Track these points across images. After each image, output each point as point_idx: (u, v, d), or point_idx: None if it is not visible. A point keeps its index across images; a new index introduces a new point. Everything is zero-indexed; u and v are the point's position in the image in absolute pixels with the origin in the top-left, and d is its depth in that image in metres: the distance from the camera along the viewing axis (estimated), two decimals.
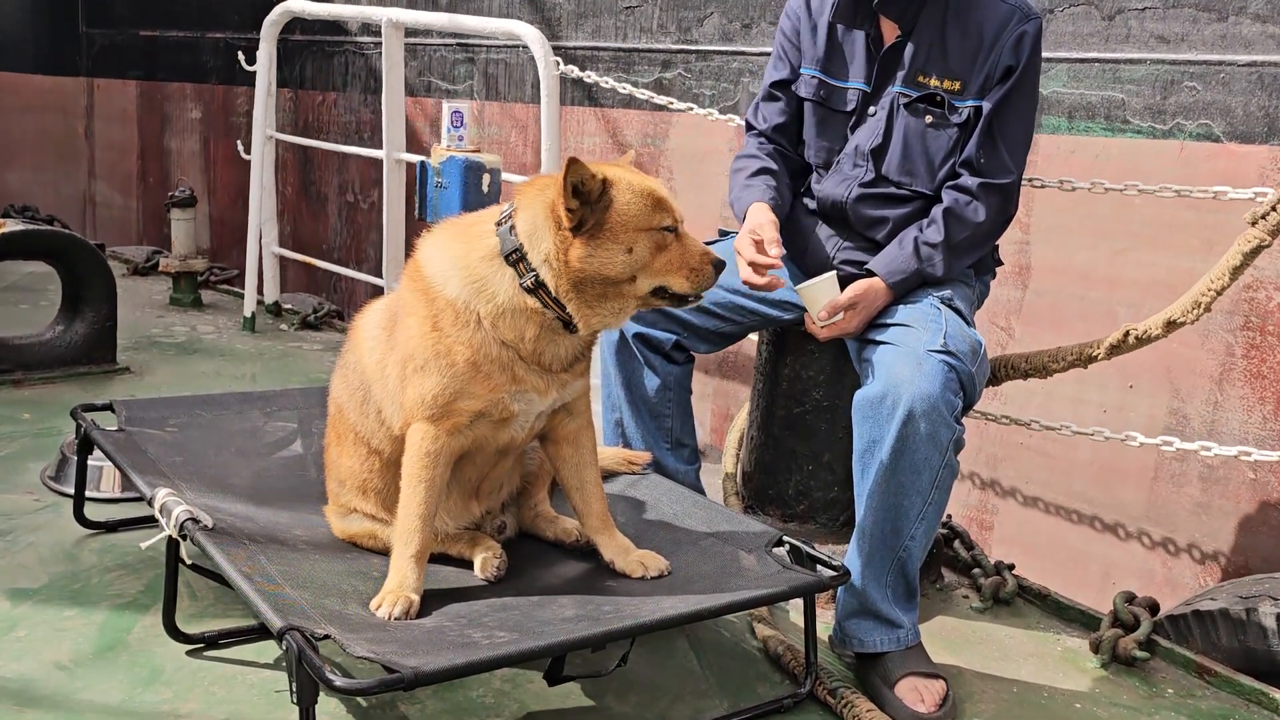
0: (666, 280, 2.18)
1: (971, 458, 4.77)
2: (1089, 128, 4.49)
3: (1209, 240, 4.02)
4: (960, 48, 2.70)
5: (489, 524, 2.53)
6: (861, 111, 2.81)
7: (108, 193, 9.49)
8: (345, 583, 2.28)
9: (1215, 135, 4.19)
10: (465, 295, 2.19)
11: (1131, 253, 4.37)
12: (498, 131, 6.67)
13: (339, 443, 2.52)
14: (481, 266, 2.19)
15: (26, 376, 4.34)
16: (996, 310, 4.68)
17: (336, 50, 7.64)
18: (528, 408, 2.26)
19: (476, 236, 2.23)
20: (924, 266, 2.68)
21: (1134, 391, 4.37)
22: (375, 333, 2.40)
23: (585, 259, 2.12)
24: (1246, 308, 4.13)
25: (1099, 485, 4.49)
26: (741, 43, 5.59)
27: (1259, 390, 4.13)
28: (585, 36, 6.23)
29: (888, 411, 2.42)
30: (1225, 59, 4.17)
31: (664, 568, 2.36)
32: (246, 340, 5.28)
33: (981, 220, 2.70)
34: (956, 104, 2.70)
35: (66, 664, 2.39)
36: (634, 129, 5.86)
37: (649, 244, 2.16)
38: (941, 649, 2.69)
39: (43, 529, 3.04)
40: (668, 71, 5.84)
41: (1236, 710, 2.57)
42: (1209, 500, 4.24)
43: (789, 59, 2.92)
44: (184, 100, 8.85)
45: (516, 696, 2.34)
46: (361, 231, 7.58)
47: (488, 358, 2.18)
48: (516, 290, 2.16)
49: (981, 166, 2.70)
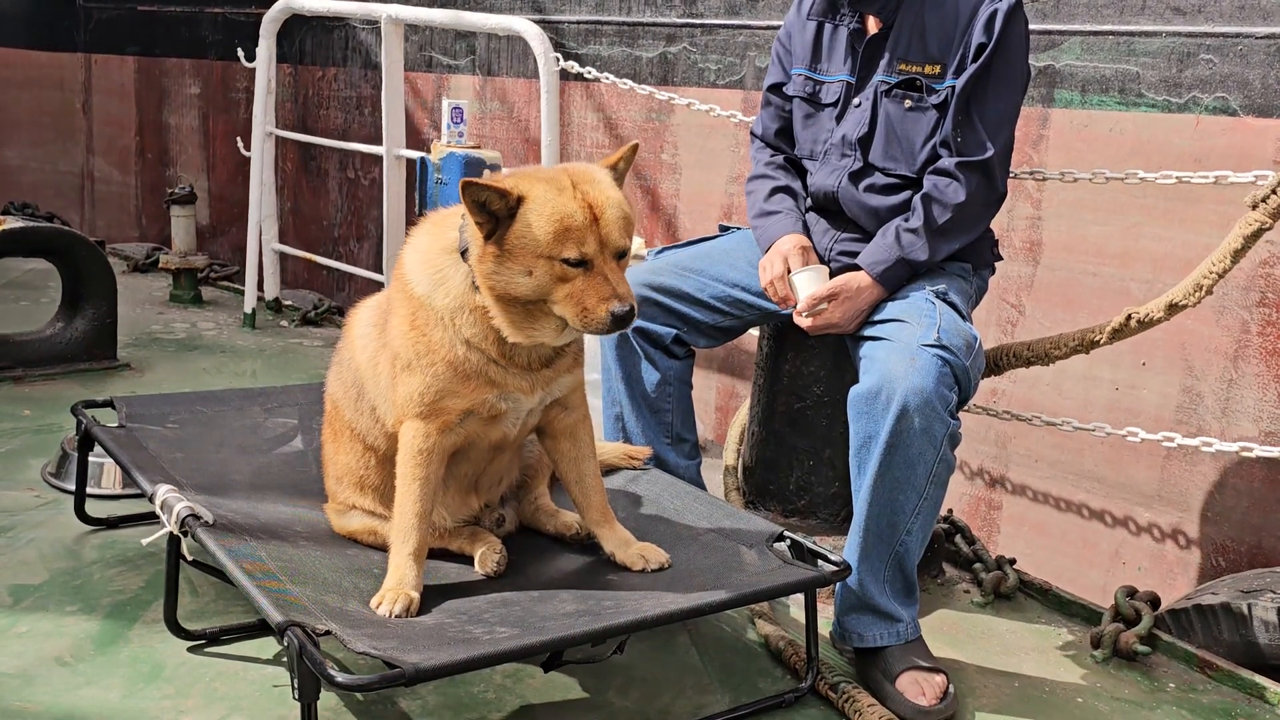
0: (563, 312, 2.06)
1: (976, 443, 4.73)
2: (1102, 101, 4.43)
3: (1224, 215, 3.95)
4: (938, 31, 2.73)
5: (487, 518, 2.53)
6: (846, 103, 2.85)
7: (106, 169, 9.45)
8: (346, 579, 2.28)
9: (1232, 109, 4.13)
10: (426, 290, 2.17)
11: (1145, 227, 4.30)
12: (499, 107, 6.62)
13: (335, 439, 2.52)
14: (440, 259, 2.18)
15: (27, 373, 4.34)
16: (1007, 287, 4.63)
17: (336, 25, 7.60)
18: (516, 406, 2.26)
19: (442, 230, 2.22)
20: (906, 253, 2.69)
21: (1147, 369, 4.31)
22: (367, 330, 2.40)
23: (490, 274, 2.06)
24: (1263, 284, 4.06)
25: (1109, 465, 4.43)
26: (747, 16, 5.54)
27: (1274, 368, 4.07)
28: (588, 10, 6.16)
29: (882, 407, 2.42)
30: (1243, 31, 4.10)
31: (664, 560, 2.36)
32: (247, 337, 5.28)
33: (962, 200, 2.70)
34: (935, 86, 2.73)
35: (68, 660, 2.39)
36: (638, 104, 5.80)
37: (548, 271, 2.04)
38: (943, 643, 2.69)
39: (44, 526, 3.04)
40: (672, 46, 5.76)
41: (1238, 705, 2.57)
42: (1223, 480, 4.19)
43: (783, 64, 3.00)
44: (183, 76, 8.79)
45: (517, 691, 2.34)
46: (362, 208, 7.52)
47: (460, 358, 2.16)
48: (469, 287, 2.13)
49: (958, 145, 2.71)
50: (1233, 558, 4.14)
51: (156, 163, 8.96)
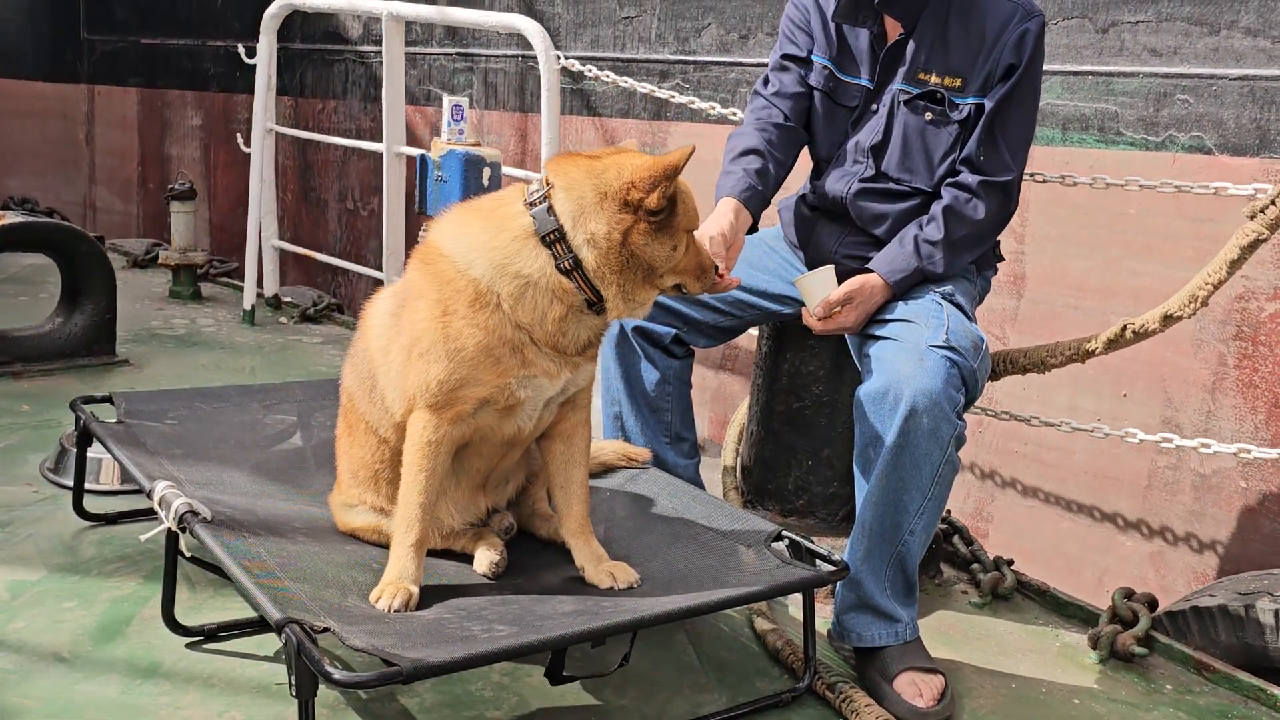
0: (684, 278, 2.26)
1: (970, 454, 4.78)
2: (1082, 139, 4.52)
3: (1202, 250, 4.04)
4: (962, 45, 2.70)
5: (498, 524, 2.51)
6: (864, 108, 2.82)
7: (108, 198, 9.52)
8: (344, 575, 2.28)
9: (1207, 147, 4.22)
10: (490, 275, 2.17)
11: (1125, 262, 4.40)
12: (497, 140, 6.69)
13: (350, 433, 2.51)
14: (513, 246, 2.17)
15: (26, 369, 4.34)
16: (992, 319, 4.71)
17: (336, 58, 7.66)
18: (535, 394, 2.25)
19: (505, 217, 2.21)
20: (924, 264, 2.68)
21: (1128, 400, 4.39)
22: (383, 319, 2.39)
23: (643, 246, 2.16)
24: (1239, 317, 4.16)
25: (1094, 491, 4.50)
26: (739, 53, 5.61)
27: (1250, 399, 4.15)
28: (584, 46, 6.25)
29: (889, 407, 2.42)
30: (1217, 72, 4.20)
31: (634, 580, 2.33)
32: (246, 333, 5.27)
33: (981, 218, 2.70)
34: (957, 101, 2.70)
35: (65, 656, 2.39)
36: (632, 136, 5.86)
37: (686, 244, 2.23)
38: (940, 644, 2.70)
39: (42, 521, 3.04)
40: (666, 82, 5.87)
41: (1235, 706, 2.57)
42: (1202, 507, 4.25)
43: (798, 41, 2.89)
44: (184, 107, 8.88)
45: (516, 690, 2.34)
46: (361, 238, 7.59)
47: (501, 340, 2.17)
48: (551, 270, 2.16)
49: (982, 164, 2.70)
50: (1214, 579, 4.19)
51: (158, 192, 9.01)
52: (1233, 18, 4.15)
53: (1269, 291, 4.09)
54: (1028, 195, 4.45)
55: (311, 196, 7.97)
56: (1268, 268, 4.04)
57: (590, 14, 6.25)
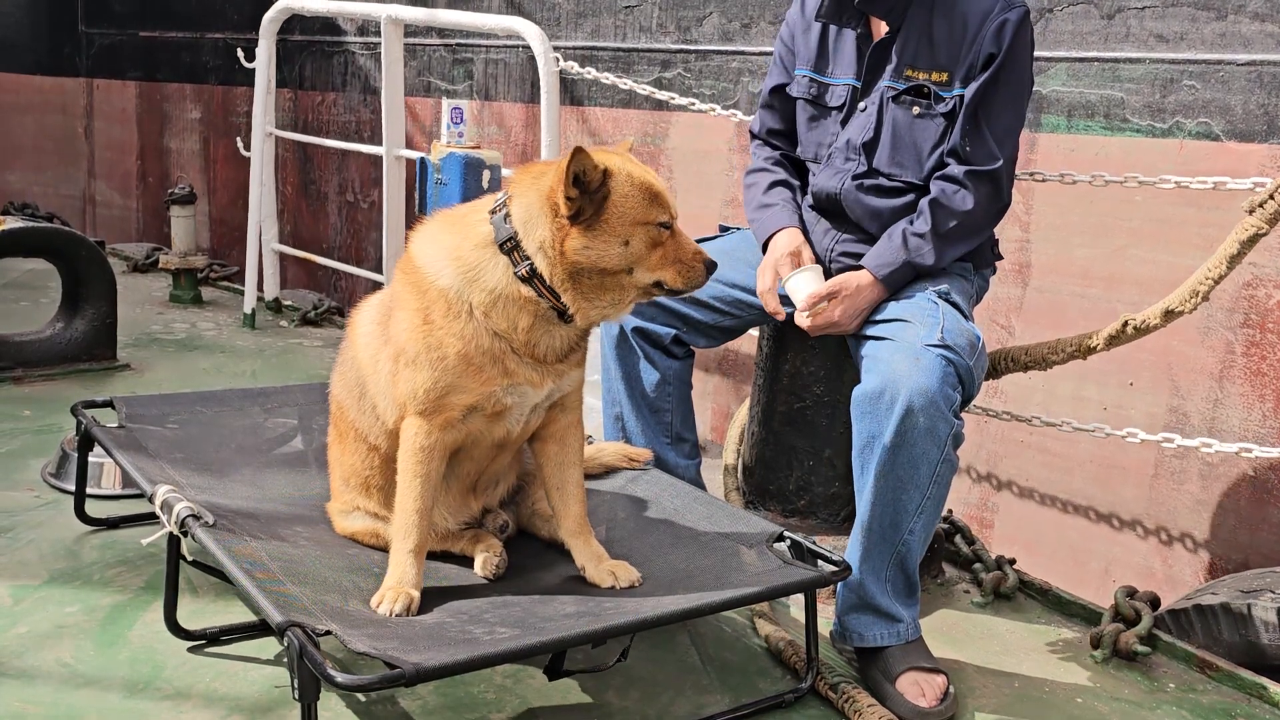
0: (660, 275, 2.17)
1: (970, 454, 4.77)
2: (1088, 126, 4.50)
3: (1209, 237, 4.03)
4: (946, 39, 2.72)
5: (492, 523, 2.52)
6: (852, 107, 2.84)
7: (107, 192, 9.51)
8: (346, 579, 2.28)
9: (1215, 134, 4.20)
10: (458, 285, 2.18)
11: (1131, 250, 4.38)
12: (497, 132, 6.67)
13: (340, 440, 2.52)
14: (474, 255, 2.18)
15: (27, 373, 4.34)
16: (997, 308, 4.69)
17: (336, 50, 7.65)
18: (521, 400, 2.25)
19: (469, 225, 2.22)
20: (912, 257, 2.69)
21: (1134, 389, 4.37)
22: (370, 328, 2.40)
23: (581, 250, 2.11)
24: (1246, 305, 4.14)
25: (1099, 483, 4.49)
26: (741, 42, 5.60)
27: (1259, 387, 4.13)
28: (584, 36, 6.25)
29: (886, 407, 2.42)
30: (1224, 58, 4.18)
31: (635, 579, 2.33)
32: (247, 337, 5.28)
33: (970, 208, 2.71)
34: (943, 94, 2.72)
35: (68, 661, 2.39)
36: (633, 128, 5.87)
37: (644, 238, 2.14)
38: (942, 644, 2.69)
39: (44, 526, 3.04)
40: (667, 71, 5.85)
41: (1238, 705, 2.57)
42: (1209, 496, 4.24)
43: (785, 65, 2.98)
44: (183, 100, 8.86)
45: (518, 692, 2.34)
46: (361, 231, 7.59)
47: (479, 349, 2.17)
48: (510, 279, 2.15)
49: (967, 154, 2.71)
50: (1219, 576, 4.18)
51: (158, 186, 9.00)
52: (1240, 2, 4.12)
53: (1277, 279, 4.06)
54: (1033, 184, 4.47)
55: (311, 190, 7.96)
56: (1276, 255, 4.01)
57: (591, 3, 6.24)
